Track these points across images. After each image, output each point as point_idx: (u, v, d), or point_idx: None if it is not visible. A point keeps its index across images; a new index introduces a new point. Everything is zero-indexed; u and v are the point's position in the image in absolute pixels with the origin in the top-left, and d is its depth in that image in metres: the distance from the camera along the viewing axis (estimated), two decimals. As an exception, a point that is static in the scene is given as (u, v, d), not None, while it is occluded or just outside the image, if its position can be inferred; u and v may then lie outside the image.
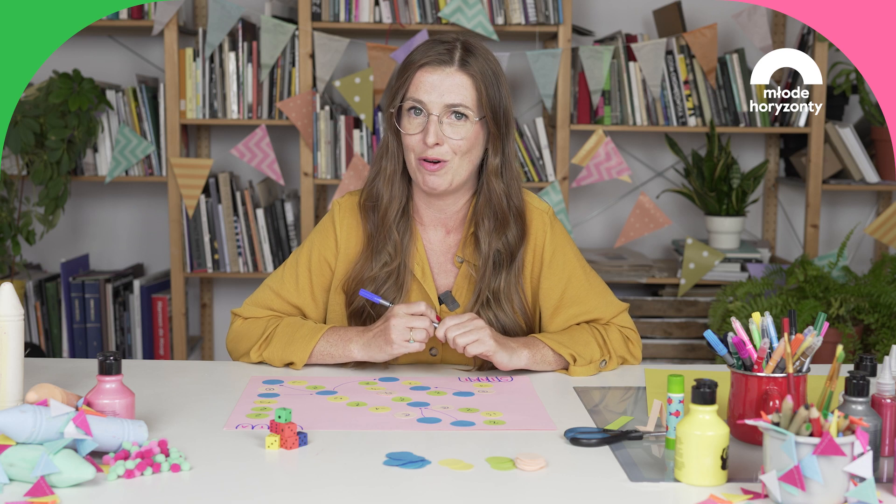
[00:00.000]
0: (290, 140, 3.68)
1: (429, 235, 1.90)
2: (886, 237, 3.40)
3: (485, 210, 1.84)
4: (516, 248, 1.85)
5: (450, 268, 1.89)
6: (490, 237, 1.83)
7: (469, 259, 1.87)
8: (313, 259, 1.90)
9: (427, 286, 1.86)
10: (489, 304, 1.83)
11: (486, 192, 1.84)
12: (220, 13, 3.28)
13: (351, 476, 1.28)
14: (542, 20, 3.34)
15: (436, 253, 1.89)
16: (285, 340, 1.81)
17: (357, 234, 1.89)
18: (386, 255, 1.84)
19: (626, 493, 1.25)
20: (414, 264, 1.86)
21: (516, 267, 1.85)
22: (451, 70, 1.78)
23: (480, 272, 1.84)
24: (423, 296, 1.86)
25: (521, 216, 1.86)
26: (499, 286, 1.83)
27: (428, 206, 1.88)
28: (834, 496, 1.16)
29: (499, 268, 1.83)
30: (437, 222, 1.90)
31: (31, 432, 1.25)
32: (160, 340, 3.53)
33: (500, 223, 1.84)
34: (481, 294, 1.83)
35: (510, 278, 1.84)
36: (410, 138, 1.80)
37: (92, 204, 3.74)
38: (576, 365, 1.78)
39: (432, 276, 1.88)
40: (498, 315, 1.83)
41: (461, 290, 1.87)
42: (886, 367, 1.39)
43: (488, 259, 1.83)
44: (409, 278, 1.85)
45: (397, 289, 1.84)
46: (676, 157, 3.71)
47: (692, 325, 3.47)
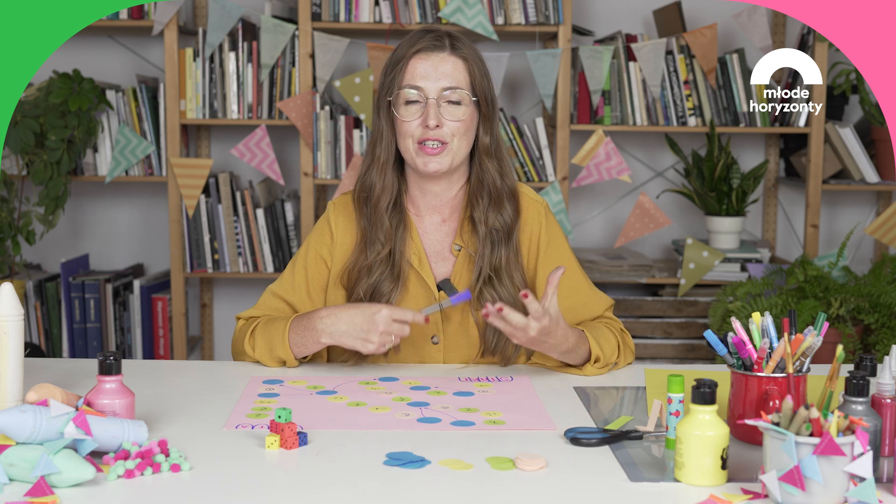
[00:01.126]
0: (290, 140, 3.68)
1: (424, 225, 1.92)
2: (886, 237, 3.40)
3: (479, 191, 1.89)
4: (512, 227, 1.88)
5: (447, 255, 1.91)
6: (486, 215, 1.87)
7: (467, 244, 1.89)
8: (309, 257, 1.93)
9: (425, 274, 1.88)
10: (490, 281, 1.85)
11: (480, 172, 1.89)
12: (220, 13, 3.28)
13: (351, 476, 1.28)
14: (542, 20, 3.34)
15: (432, 241, 1.92)
16: (267, 340, 1.83)
17: (352, 231, 1.92)
18: (378, 243, 1.86)
19: (626, 493, 1.25)
20: (411, 254, 1.88)
21: (514, 245, 1.88)
22: (445, 55, 1.84)
23: (480, 251, 1.86)
24: (421, 284, 1.88)
25: (514, 196, 1.91)
26: (499, 262, 1.86)
27: (423, 193, 1.91)
28: (834, 496, 1.16)
29: (497, 245, 1.86)
30: (432, 210, 1.92)
31: (31, 432, 1.25)
32: (160, 340, 3.53)
33: (494, 202, 1.88)
34: (482, 272, 1.85)
35: (510, 255, 1.87)
36: (408, 125, 1.84)
37: (92, 204, 3.74)
38: (594, 365, 1.79)
39: (429, 264, 1.89)
40: (500, 292, 1.85)
41: (460, 276, 1.89)
42: (886, 367, 1.39)
43: (486, 237, 1.86)
44: (407, 268, 1.87)
45: (394, 279, 1.86)
46: (676, 157, 3.71)
47: (692, 325, 3.47)
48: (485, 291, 1.84)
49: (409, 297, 1.88)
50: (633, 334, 3.40)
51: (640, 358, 3.35)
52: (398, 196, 1.90)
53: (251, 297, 3.74)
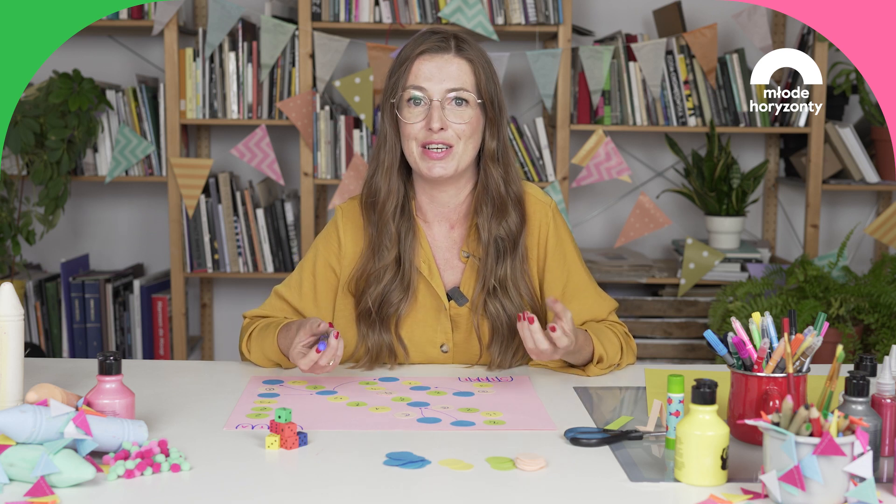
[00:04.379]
0: (290, 140, 3.68)
1: (433, 232, 1.90)
2: (886, 237, 3.40)
3: (484, 198, 1.85)
4: (518, 235, 1.85)
5: (456, 263, 1.89)
6: (489, 224, 1.84)
7: (474, 252, 1.87)
8: (318, 264, 1.90)
9: (434, 283, 1.86)
10: (495, 292, 1.83)
11: (484, 178, 1.86)
12: (220, 13, 3.28)
13: (351, 476, 1.28)
14: (542, 20, 3.34)
15: (441, 249, 1.89)
16: (260, 344, 1.82)
17: (360, 238, 1.89)
18: (385, 249, 1.84)
19: (626, 493, 1.25)
20: (420, 262, 1.86)
21: (520, 254, 1.85)
22: (450, 56, 1.81)
23: (483, 261, 1.84)
24: (431, 293, 1.86)
25: (519, 203, 1.87)
26: (504, 274, 1.83)
27: (430, 200, 1.88)
28: (834, 496, 1.16)
29: (502, 255, 1.84)
30: (440, 217, 1.90)
31: (31, 432, 1.25)
32: (160, 340, 3.53)
33: (498, 210, 1.84)
34: (486, 283, 1.83)
35: (515, 265, 1.84)
36: (412, 127, 1.81)
37: (92, 204, 3.74)
38: (597, 365, 1.79)
39: (439, 272, 1.87)
40: (505, 304, 1.82)
41: (469, 284, 1.87)
42: (886, 367, 1.39)
43: (489, 246, 1.84)
44: (416, 276, 1.85)
45: (403, 288, 1.83)
46: (676, 157, 3.71)
47: (692, 325, 3.47)
48: (489, 303, 1.83)
49: (419, 306, 1.86)
50: (633, 334, 3.40)
51: (640, 358, 3.35)
52: (405, 202, 1.87)
53: (251, 297, 3.74)
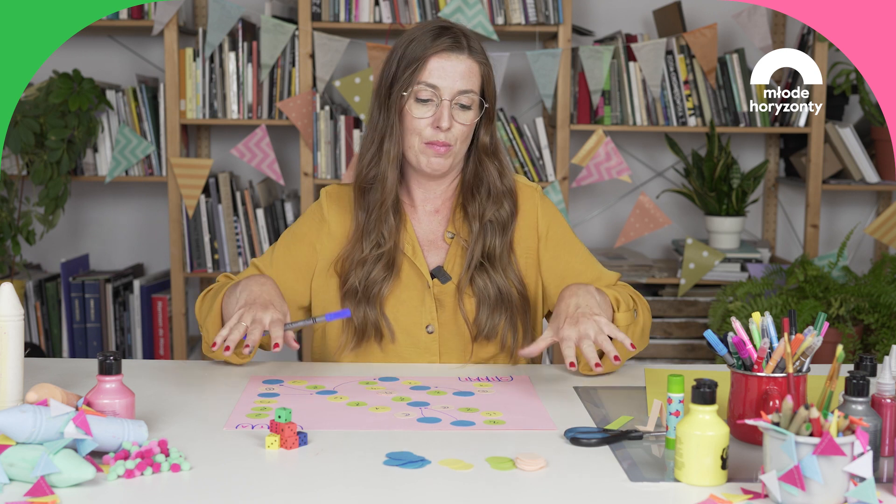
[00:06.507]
0: (290, 140, 3.68)
1: (418, 215, 1.95)
2: (886, 237, 3.40)
3: (477, 187, 1.90)
4: (508, 223, 1.90)
5: (440, 244, 1.93)
6: (483, 208, 1.89)
7: (459, 232, 1.92)
8: (295, 237, 1.95)
9: (418, 262, 1.89)
10: (482, 267, 1.87)
11: (479, 170, 1.91)
12: (220, 13, 3.28)
13: (351, 476, 1.28)
14: (542, 20, 3.34)
15: (425, 231, 1.94)
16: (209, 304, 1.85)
17: (346, 221, 1.93)
18: (378, 236, 1.87)
19: (626, 493, 1.25)
20: (405, 243, 1.90)
21: (508, 238, 1.90)
22: (464, 57, 1.85)
23: (473, 238, 1.88)
24: (415, 272, 1.89)
25: (512, 195, 1.93)
26: (493, 249, 1.88)
27: (419, 187, 1.94)
28: (834, 496, 1.16)
29: (492, 234, 1.88)
30: (425, 202, 1.95)
31: (31, 432, 1.25)
32: (160, 340, 3.53)
33: (493, 201, 1.90)
34: (474, 258, 1.87)
35: (504, 246, 1.89)
36: (419, 122, 1.84)
37: (92, 204, 3.74)
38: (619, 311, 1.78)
39: (423, 253, 1.91)
40: (493, 277, 1.87)
41: (453, 263, 1.91)
42: (886, 367, 1.39)
43: (478, 225, 1.88)
44: (400, 257, 1.90)
45: (387, 268, 1.87)
46: (676, 157, 3.71)
47: (692, 325, 3.47)
48: (477, 278, 1.87)
49: (402, 286, 1.89)
50: (633, 334, 3.40)
51: (640, 358, 3.35)
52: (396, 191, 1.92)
53: (251, 297, 3.73)
